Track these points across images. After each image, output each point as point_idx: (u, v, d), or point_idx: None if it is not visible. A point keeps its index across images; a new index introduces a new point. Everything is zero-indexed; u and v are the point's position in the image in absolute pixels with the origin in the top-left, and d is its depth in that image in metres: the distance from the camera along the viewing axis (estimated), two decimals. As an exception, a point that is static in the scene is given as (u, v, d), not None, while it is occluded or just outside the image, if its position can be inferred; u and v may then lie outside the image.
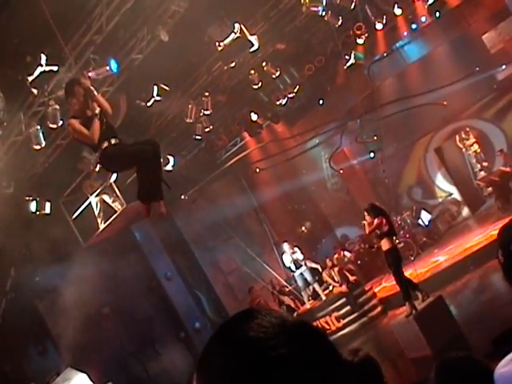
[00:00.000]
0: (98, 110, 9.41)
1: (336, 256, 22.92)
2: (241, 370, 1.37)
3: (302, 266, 20.94)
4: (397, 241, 19.32)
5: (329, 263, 21.30)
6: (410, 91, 24.01)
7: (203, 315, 23.04)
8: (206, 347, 1.48)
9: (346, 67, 20.48)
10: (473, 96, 24.58)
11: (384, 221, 13.97)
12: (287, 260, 21.14)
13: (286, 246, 21.33)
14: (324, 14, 16.56)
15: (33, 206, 16.24)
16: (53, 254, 17.47)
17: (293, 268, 21.06)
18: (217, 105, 18.94)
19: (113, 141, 9.49)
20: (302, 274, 20.99)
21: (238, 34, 14.42)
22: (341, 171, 27.57)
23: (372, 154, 25.82)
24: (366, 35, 19.23)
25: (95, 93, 9.55)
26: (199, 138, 19.76)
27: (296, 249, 21.26)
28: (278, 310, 1.75)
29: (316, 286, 20.73)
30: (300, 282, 21.19)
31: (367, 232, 14.94)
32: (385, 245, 14.06)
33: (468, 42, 23.43)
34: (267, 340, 1.39)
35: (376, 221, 14.07)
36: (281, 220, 27.08)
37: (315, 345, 1.45)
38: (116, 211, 16.79)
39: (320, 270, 21.28)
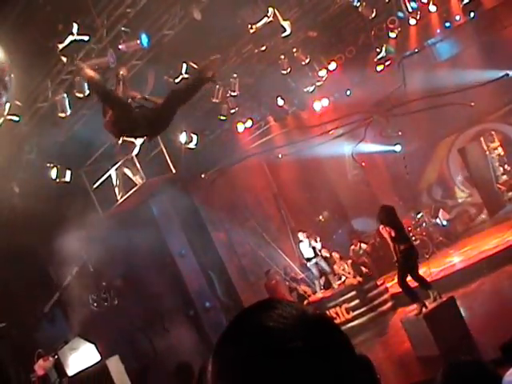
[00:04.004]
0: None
1: (353, 247, 22.94)
2: (255, 358, 1.37)
3: (318, 254, 21.01)
4: (413, 238, 19.22)
5: (336, 256, 21.38)
6: (438, 89, 23.80)
7: (214, 295, 23.07)
8: (223, 333, 1.49)
9: (376, 60, 20.44)
10: (501, 99, 24.38)
11: (387, 230, 13.78)
12: (305, 247, 21.20)
13: (301, 235, 21.40)
14: (358, 4, 16.51)
15: (53, 173, 16.30)
16: (70, 222, 17.51)
17: (310, 255, 21.11)
18: (244, 87, 18.91)
19: None
20: (317, 263, 21.04)
21: (270, 18, 14.36)
22: (363, 163, 27.43)
23: (398, 147, 25.66)
24: (399, 29, 19.17)
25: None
26: (224, 118, 19.77)
27: (318, 238, 21.37)
28: (291, 298, 1.74)
29: (330, 276, 20.81)
30: (315, 271, 21.26)
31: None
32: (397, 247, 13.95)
33: (500, 45, 23.15)
34: (285, 331, 1.39)
35: (381, 229, 14.04)
36: (299, 207, 26.99)
37: (333, 340, 1.45)
38: (136, 184, 16.81)
39: (331, 258, 21.36)
